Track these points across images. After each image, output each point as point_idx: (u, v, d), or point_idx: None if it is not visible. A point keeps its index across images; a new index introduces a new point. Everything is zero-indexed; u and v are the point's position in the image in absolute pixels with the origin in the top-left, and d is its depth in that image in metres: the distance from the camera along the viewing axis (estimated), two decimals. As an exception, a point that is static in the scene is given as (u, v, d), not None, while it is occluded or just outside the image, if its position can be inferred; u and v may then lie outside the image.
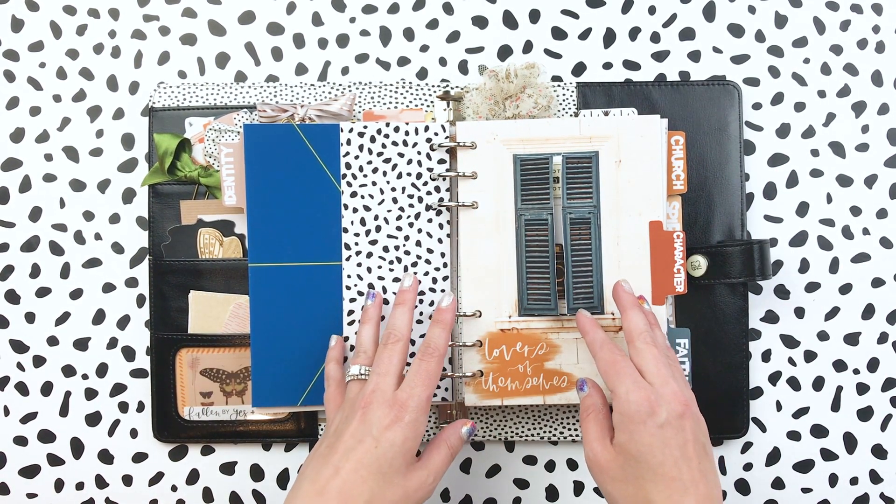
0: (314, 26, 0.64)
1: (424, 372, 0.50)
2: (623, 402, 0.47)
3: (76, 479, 0.63)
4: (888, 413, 0.62)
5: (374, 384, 0.50)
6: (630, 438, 0.47)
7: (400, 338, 0.52)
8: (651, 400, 0.46)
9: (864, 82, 0.63)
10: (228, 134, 0.61)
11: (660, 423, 0.46)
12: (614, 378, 0.48)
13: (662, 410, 0.46)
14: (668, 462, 0.46)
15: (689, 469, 0.46)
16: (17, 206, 0.63)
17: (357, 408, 0.49)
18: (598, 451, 0.49)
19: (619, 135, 0.57)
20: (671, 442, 0.46)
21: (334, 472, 0.47)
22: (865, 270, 0.62)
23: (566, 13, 0.64)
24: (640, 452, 0.46)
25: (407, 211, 0.59)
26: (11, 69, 0.64)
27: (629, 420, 0.47)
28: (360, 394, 0.50)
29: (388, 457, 0.47)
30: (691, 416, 0.47)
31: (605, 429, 0.49)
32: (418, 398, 0.49)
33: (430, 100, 0.61)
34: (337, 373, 0.55)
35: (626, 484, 0.47)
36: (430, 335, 0.53)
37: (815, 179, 0.62)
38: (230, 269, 0.61)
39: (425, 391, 0.50)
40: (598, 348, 0.50)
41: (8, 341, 0.63)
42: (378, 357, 0.51)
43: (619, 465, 0.47)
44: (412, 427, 0.48)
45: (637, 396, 0.47)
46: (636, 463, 0.46)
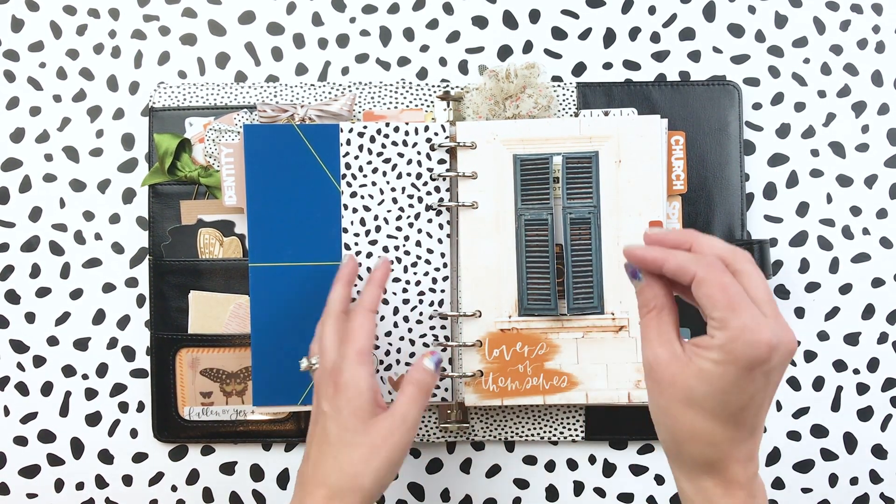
0: (314, 26, 0.64)
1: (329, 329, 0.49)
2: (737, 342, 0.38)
3: (76, 479, 0.63)
4: (888, 413, 0.62)
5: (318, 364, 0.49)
6: (723, 375, 0.38)
7: (329, 312, 0.50)
8: (771, 345, 0.38)
9: (864, 82, 0.63)
10: (228, 134, 0.61)
11: (767, 370, 0.38)
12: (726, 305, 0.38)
13: (777, 354, 0.38)
14: (752, 408, 0.39)
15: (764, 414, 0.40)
16: (17, 206, 0.63)
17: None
18: (662, 360, 0.40)
19: (619, 135, 0.57)
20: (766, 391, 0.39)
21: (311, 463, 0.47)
22: (865, 270, 0.62)
23: (566, 13, 0.64)
24: (727, 392, 0.38)
25: (407, 211, 0.59)
26: (11, 69, 0.64)
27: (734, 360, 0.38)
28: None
29: (338, 422, 0.46)
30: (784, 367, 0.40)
31: (671, 330, 0.41)
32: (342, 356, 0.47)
33: (430, 100, 0.61)
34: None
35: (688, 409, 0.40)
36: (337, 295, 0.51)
37: (815, 179, 0.62)
38: (230, 269, 0.61)
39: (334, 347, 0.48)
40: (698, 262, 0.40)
41: (8, 341, 0.63)
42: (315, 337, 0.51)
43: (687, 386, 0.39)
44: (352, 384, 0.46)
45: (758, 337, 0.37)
46: (713, 397, 0.39)
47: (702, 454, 0.40)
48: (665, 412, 0.40)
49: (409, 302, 0.59)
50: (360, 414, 0.46)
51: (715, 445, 0.39)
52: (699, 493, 0.40)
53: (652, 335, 0.41)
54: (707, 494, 0.40)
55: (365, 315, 0.49)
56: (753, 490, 0.40)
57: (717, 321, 0.38)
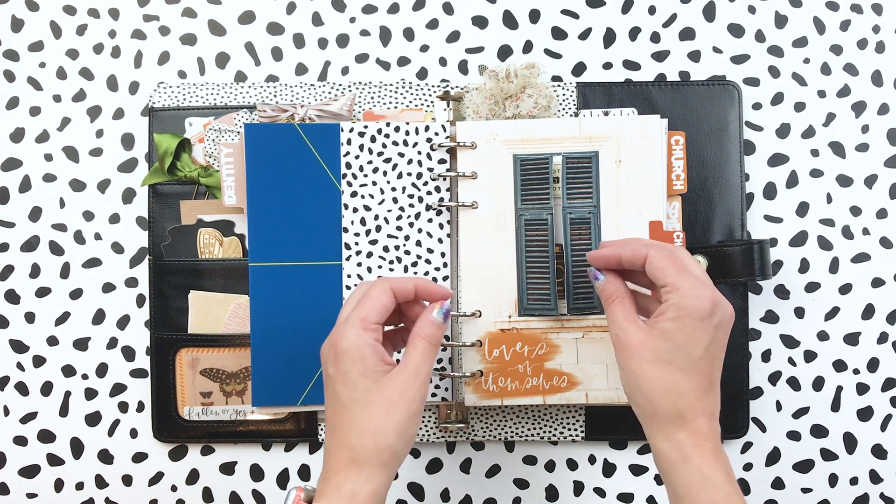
0: (314, 26, 0.64)
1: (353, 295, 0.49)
2: (687, 297, 0.46)
3: (76, 479, 0.63)
4: (888, 413, 0.62)
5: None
6: (681, 329, 0.46)
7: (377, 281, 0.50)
8: (714, 300, 0.46)
9: (864, 82, 0.63)
10: (228, 134, 0.61)
11: (715, 323, 0.46)
12: (676, 272, 0.47)
13: (719, 311, 0.46)
14: (707, 358, 0.46)
15: (718, 371, 0.47)
16: (17, 206, 0.63)
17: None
18: (630, 332, 0.47)
19: (618, 135, 0.57)
20: (718, 342, 0.46)
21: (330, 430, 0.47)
22: (865, 270, 0.62)
23: (566, 13, 0.64)
24: (686, 343, 0.46)
25: (407, 211, 0.59)
26: (11, 69, 0.64)
27: (687, 314, 0.45)
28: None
29: (347, 384, 0.46)
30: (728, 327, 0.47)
31: (632, 312, 0.49)
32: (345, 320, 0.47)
33: (430, 100, 0.61)
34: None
35: (656, 366, 0.46)
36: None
37: (815, 179, 0.62)
38: (230, 269, 0.61)
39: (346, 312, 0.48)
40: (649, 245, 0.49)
41: (8, 341, 0.63)
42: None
43: (653, 347, 0.46)
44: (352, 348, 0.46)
45: (702, 293, 0.46)
46: (675, 351, 0.46)
47: (673, 406, 0.46)
48: (637, 375, 0.47)
49: (409, 302, 0.59)
50: (369, 374, 0.46)
51: (682, 395, 0.45)
52: (674, 448, 0.46)
53: (618, 317, 0.49)
54: (681, 447, 0.45)
55: (382, 287, 0.49)
56: (719, 446, 0.46)
57: (670, 286, 0.46)
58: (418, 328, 0.48)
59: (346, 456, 0.45)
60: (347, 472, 0.45)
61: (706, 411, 0.46)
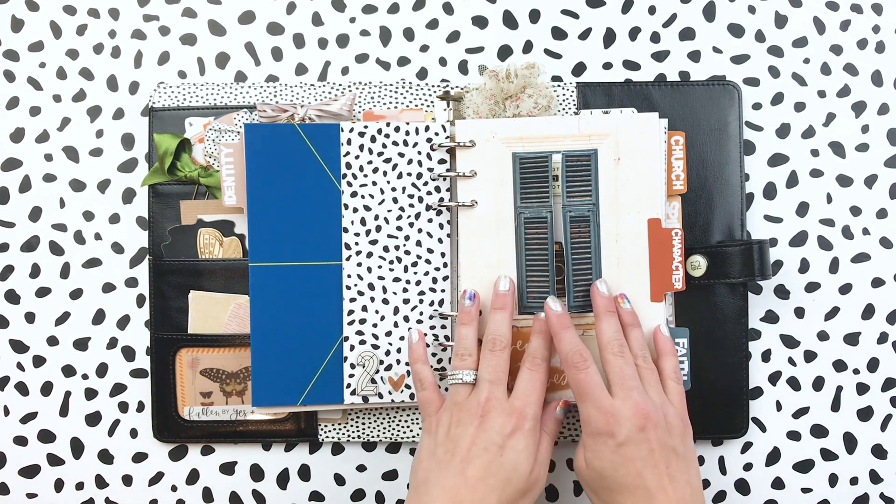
0: (314, 26, 0.64)
1: (536, 381, 0.52)
2: (584, 424, 0.50)
3: (76, 479, 0.63)
4: (888, 413, 0.62)
5: (489, 392, 0.51)
6: (594, 456, 0.50)
7: (506, 345, 0.53)
8: (609, 422, 0.49)
9: (864, 82, 0.63)
10: (228, 134, 0.61)
11: (619, 442, 0.49)
12: (578, 399, 0.51)
13: (622, 429, 0.49)
14: (630, 474, 0.48)
15: (654, 476, 0.48)
16: (17, 206, 0.63)
17: (473, 415, 0.51)
18: (577, 460, 0.52)
19: (617, 132, 0.57)
20: (632, 456, 0.48)
21: (464, 481, 0.49)
22: (865, 270, 0.62)
23: (566, 13, 0.64)
24: (603, 468, 0.49)
25: (407, 211, 0.59)
26: (11, 69, 0.64)
27: (591, 440, 0.50)
28: (471, 400, 0.51)
29: (513, 463, 0.49)
30: (654, 426, 0.49)
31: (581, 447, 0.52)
32: (534, 406, 0.51)
33: (430, 100, 0.61)
34: (429, 374, 0.55)
35: (598, 493, 0.50)
36: (533, 345, 0.54)
37: (815, 179, 0.62)
38: (230, 269, 0.61)
39: (539, 399, 0.52)
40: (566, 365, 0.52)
41: (8, 341, 0.63)
42: (486, 364, 0.53)
43: (591, 478, 0.50)
44: (532, 434, 0.50)
45: (596, 418, 0.49)
46: (601, 477, 0.49)
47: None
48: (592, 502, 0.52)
49: (410, 302, 0.59)
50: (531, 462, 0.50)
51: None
52: None
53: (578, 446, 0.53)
54: None
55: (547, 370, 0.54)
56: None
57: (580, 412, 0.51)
58: (543, 424, 0.53)
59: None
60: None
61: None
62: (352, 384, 0.59)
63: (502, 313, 0.55)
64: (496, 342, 0.53)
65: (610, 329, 0.53)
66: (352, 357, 0.59)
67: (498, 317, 0.54)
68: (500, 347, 0.53)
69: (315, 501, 0.62)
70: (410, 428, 0.61)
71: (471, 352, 0.54)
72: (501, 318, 0.54)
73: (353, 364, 0.59)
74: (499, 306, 0.55)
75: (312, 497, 0.62)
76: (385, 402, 0.59)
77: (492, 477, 0.49)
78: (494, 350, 0.53)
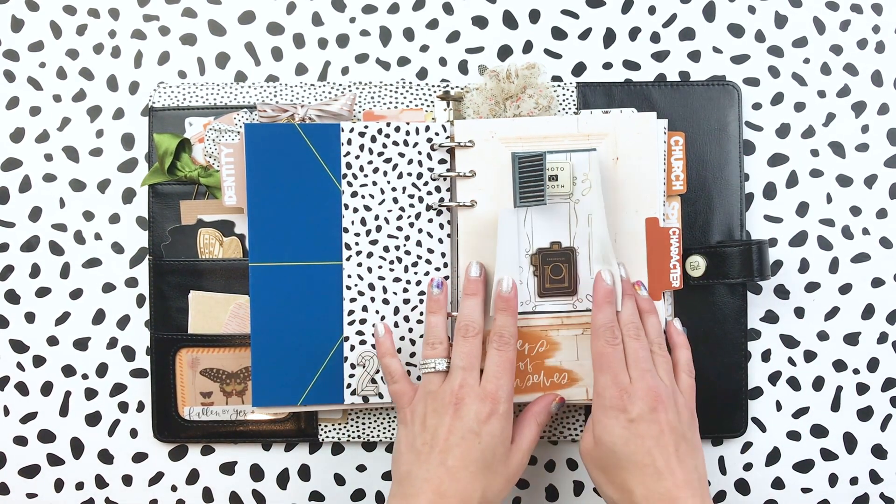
0: (314, 26, 0.64)
1: (505, 362, 0.52)
2: (598, 397, 0.51)
3: (76, 479, 0.63)
4: (888, 413, 0.62)
5: (461, 379, 0.51)
6: (604, 431, 0.50)
7: (478, 331, 0.53)
8: (623, 398, 0.50)
9: (864, 82, 0.63)
10: (228, 134, 0.61)
11: (631, 418, 0.49)
12: (596, 371, 0.52)
13: (635, 406, 0.49)
14: (639, 452, 0.49)
15: (663, 456, 0.48)
16: (17, 206, 0.63)
17: (447, 403, 0.50)
18: (584, 440, 0.52)
19: (616, 132, 0.57)
20: (644, 434, 0.49)
21: (446, 471, 0.49)
22: (865, 270, 0.62)
23: (566, 13, 0.64)
24: (614, 443, 0.49)
25: (407, 211, 0.59)
26: (11, 69, 0.64)
27: (603, 414, 0.50)
28: (444, 389, 0.51)
29: (492, 449, 0.50)
30: (665, 408, 0.50)
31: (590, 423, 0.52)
32: (506, 388, 0.51)
33: (431, 100, 0.61)
34: (398, 366, 0.55)
35: (606, 471, 0.50)
36: (499, 324, 0.53)
37: (815, 179, 0.62)
38: (230, 269, 0.61)
39: (510, 381, 0.52)
40: (593, 336, 0.53)
41: (8, 341, 0.63)
42: (458, 350, 0.52)
43: (599, 455, 0.51)
44: (506, 417, 0.51)
45: (610, 393, 0.50)
46: (611, 453, 0.50)
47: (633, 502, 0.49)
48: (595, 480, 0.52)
49: (410, 302, 0.59)
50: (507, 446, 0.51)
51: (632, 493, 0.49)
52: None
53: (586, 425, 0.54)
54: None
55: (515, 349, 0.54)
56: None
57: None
58: (535, 413, 0.54)
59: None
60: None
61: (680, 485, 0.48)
62: (352, 384, 0.59)
63: (474, 299, 0.54)
64: (468, 328, 0.53)
65: (627, 311, 0.54)
66: (352, 357, 0.59)
67: (470, 303, 0.54)
68: (472, 334, 0.53)
69: (315, 501, 0.62)
70: (410, 428, 0.61)
71: (441, 339, 0.54)
72: (473, 303, 0.54)
73: (354, 364, 0.59)
74: (471, 292, 0.55)
75: (312, 497, 0.62)
76: (385, 402, 0.59)
77: (472, 464, 0.49)
78: (467, 336, 0.52)
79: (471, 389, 0.51)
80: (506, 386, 0.51)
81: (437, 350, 0.53)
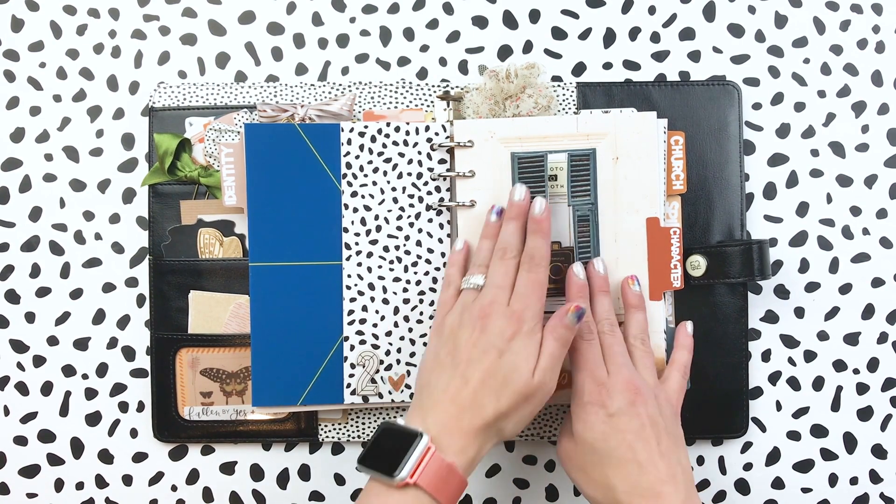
0: (314, 26, 0.64)
1: (534, 282, 0.52)
2: (576, 394, 0.51)
3: (76, 479, 0.63)
4: (888, 413, 0.62)
5: (492, 296, 0.51)
6: (584, 427, 0.50)
7: (516, 255, 0.53)
8: (602, 392, 0.50)
9: (864, 82, 0.63)
10: (228, 134, 0.61)
11: (610, 413, 0.49)
12: (575, 368, 0.52)
13: (613, 401, 0.49)
14: (621, 447, 0.48)
15: (645, 449, 0.48)
16: (17, 206, 0.63)
17: (475, 318, 0.51)
18: (561, 443, 0.52)
19: (615, 132, 0.58)
20: (623, 427, 0.49)
21: (464, 382, 0.49)
22: (865, 270, 0.62)
23: (566, 13, 0.64)
24: (594, 439, 0.49)
25: (407, 211, 0.59)
26: (11, 69, 0.64)
27: (581, 410, 0.50)
28: (475, 304, 0.51)
29: (513, 366, 0.49)
30: (644, 401, 0.50)
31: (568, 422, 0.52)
32: (533, 308, 0.51)
33: (430, 100, 0.61)
34: (457, 279, 0.55)
35: (586, 470, 0.50)
36: (531, 245, 0.53)
37: (815, 179, 0.62)
38: (230, 269, 0.61)
39: (538, 301, 0.51)
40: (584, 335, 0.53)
41: (8, 341, 0.63)
42: (494, 270, 0.53)
43: (579, 454, 0.50)
44: (531, 336, 0.50)
45: (588, 388, 0.50)
46: (592, 450, 0.49)
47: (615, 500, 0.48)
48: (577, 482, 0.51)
49: (410, 302, 0.59)
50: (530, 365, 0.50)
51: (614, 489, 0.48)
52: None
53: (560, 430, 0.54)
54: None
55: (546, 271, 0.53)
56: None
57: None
58: (551, 328, 0.51)
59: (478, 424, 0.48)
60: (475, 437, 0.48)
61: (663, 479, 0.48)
62: (352, 384, 0.59)
63: (515, 224, 0.54)
64: (506, 251, 0.53)
65: (601, 307, 0.54)
66: (352, 357, 0.59)
67: (510, 227, 0.54)
68: (509, 256, 0.53)
69: (315, 501, 0.62)
70: (410, 428, 0.61)
71: (485, 263, 0.54)
72: (513, 228, 0.54)
73: (354, 364, 0.59)
74: (512, 216, 0.55)
75: (312, 497, 0.62)
76: (385, 402, 0.59)
77: (490, 379, 0.49)
78: (504, 258, 0.53)
79: (499, 307, 0.51)
80: (533, 306, 0.51)
81: (479, 270, 0.54)
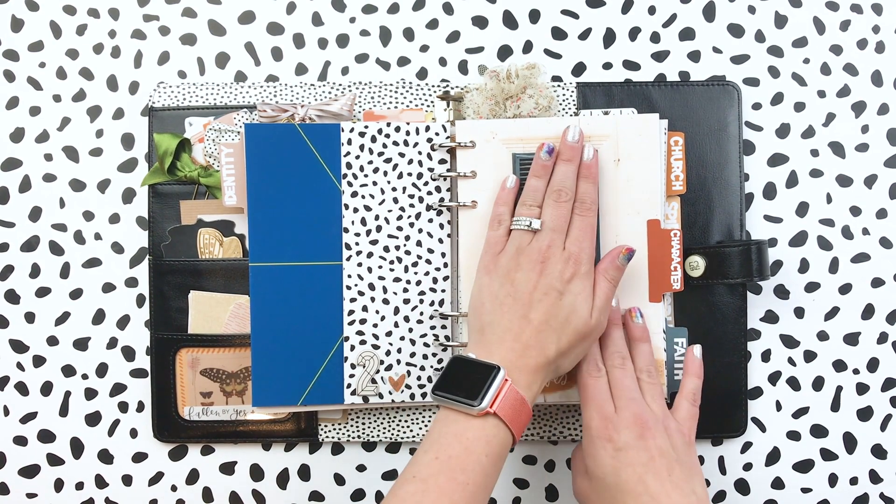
0: (314, 26, 0.64)
1: (587, 226, 0.54)
2: (586, 430, 0.52)
3: (76, 479, 0.63)
4: (888, 413, 0.62)
5: (550, 240, 0.53)
6: (594, 462, 0.50)
7: (570, 197, 0.54)
8: (609, 427, 0.50)
9: (864, 82, 0.63)
10: (228, 134, 0.61)
11: (618, 447, 0.49)
12: (583, 404, 0.53)
13: (621, 435, 0.50)
14: (632, 480, 0.48)
15: (656, 482, 0.48)
16: (17, 206, 0.63)
17: (533, 261, 0.52)
18: (576, 482, 0.53)
19: (617, 134, 0.57)
20: (632, 461, 0.49)
21: (527, 322, 0.51)
22: (865, 270, 0.62)
23: (566, 13, 0.64)
24: (605, 474, 0.49)
25: (407, 211, 0.59)
26: (11, 69, 0.64)
27: (591, 445, 0.51)
28: (533, 246, 0.53)
29: (572, 306, 0.51)
30: (653, 434, 0.50)
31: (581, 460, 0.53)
32: (588, 251, 0.53)
33: (431, 100, 0.61)
34: (507, 218, 0.56)
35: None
36: (581, 190, 0.55)
37: (814, 179, 0.63)
38: (230, 269, 0.61)
39: (591, 245, 0.53)
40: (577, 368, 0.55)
41: (8, 341, 0.63)
42: (549, 212, 0.54)
43: (594, 490, 0.51)
44: (587, 277, 0.52)
45: (596, 424, 0.51)
46: (605, 486, 0.49)
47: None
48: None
49: (410, 302, 0.59)
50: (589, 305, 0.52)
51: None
52: None
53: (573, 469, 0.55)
54: None
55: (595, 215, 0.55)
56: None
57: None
58: (603, 269, 0.54)
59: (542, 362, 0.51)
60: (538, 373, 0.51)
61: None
62: (352, 384, 0.59)
63: (568, 165, 0.55)
64: (560, 194, 0.54)
65: (613, 341, 0.55)
66: (352, 357, 0.59)
67: (567, 169, 0.55)
68: (564, 199, 0.54)
69: (315, 501, 0.62)
70: (410, 428, 0.61)
71: (538, 202, 0.55)
72: (567, 170, 0.55)
73: (354, 364, 0.59)
74: (566, 158, 0.55)
75: (312, 497, 0.62)
76: (385, 402, 0.59)
77: (553, 319, 0.51)
78: (559, 201, 0.54)
79: (557, 250, 0.52)
80: (587, 249, 0.53)
81: (532, 211, 0.54)
